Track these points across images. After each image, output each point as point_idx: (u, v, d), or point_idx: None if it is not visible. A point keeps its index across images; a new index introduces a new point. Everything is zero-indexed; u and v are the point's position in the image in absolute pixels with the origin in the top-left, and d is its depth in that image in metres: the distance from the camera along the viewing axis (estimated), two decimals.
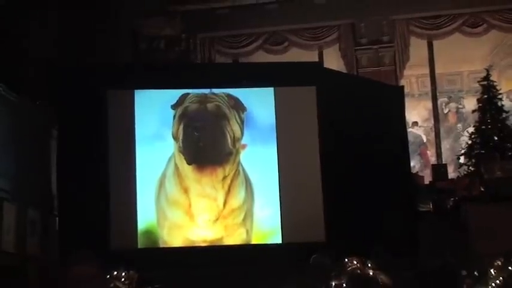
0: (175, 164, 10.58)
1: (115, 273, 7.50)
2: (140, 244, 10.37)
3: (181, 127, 10.64)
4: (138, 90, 10.77)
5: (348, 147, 10.58)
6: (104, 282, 4.10)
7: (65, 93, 10.62)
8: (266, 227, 10.57)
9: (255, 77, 11.11)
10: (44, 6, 11.49)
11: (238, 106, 10.81)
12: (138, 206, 10.40)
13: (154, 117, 10.71)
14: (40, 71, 11.18)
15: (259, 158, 10.73)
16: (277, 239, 10.52)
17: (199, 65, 14.34)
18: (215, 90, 10.82)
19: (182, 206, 10.51)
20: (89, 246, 9.71)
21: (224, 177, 10.61)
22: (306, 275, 6.63)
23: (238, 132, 10.74)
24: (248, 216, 10.55)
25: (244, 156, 10.70)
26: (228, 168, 10.62)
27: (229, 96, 10.82)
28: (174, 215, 10.50)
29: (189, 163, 10.56)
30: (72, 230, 10.05)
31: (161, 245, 10.42)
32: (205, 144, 10.66)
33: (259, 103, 10.90)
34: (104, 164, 10.29)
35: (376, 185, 10.39)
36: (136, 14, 14.06)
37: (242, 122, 10.77)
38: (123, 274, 7.48)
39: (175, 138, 10.63)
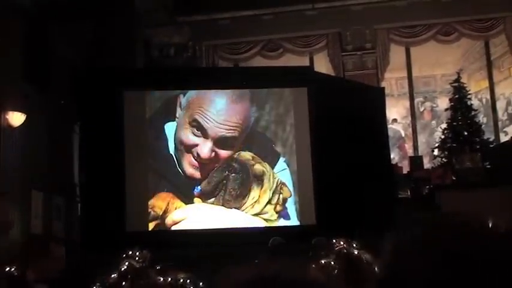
0: (186, 157, 10.53)
1: (130, 252, 7.47)
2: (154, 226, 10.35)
3: (189, 126, 10.61)
4: (151, 91, 10.74)
5: (336, 142, 10.54)
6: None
7: (86, 93, 10.58)
8: (264, 210, 10.52)
9: (254, 79, 11.08)
10: (69, 17, 11.44)
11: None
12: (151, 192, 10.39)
13: (166, 116, 10.67)
14: (65, 74, 11.15)
15: (257, 150, 10.69)
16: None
17: (205, 69, 14.30)
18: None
19: (189, 193, 10.48)
20: (107, 229, 9.72)
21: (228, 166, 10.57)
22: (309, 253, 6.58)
23: (238, 129, 10.69)
24: (249, 200, 10.50)
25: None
26: (231, 159, 10.58)
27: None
28: (183, 201, 10.48)
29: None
30: (93, 214, 10.03)
31: (172, 227, 10.36)
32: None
33: (259, 104, 10.87)
34: (120, 156, 10.25)
35: (361, 174, 10.36)
36: (148, 25, 14.00)
37: (242, 119, 10.73)
38: (137, 253, 7.44)
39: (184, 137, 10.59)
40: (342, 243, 5.79)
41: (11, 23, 9.51)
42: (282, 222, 10.42)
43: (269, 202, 10.50)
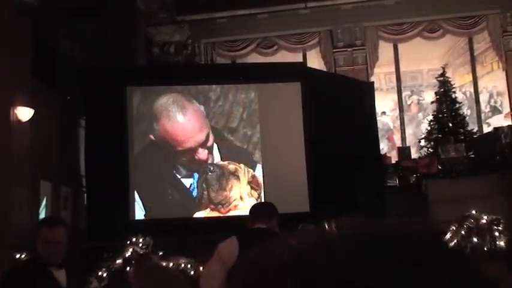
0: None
1: (133, 239, 7.48)
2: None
3: None
4: (152, 87, 10.74)
5: (328, 133, 10.56)
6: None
7: (91, 89, 10.57)
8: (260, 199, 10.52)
9: (250, 75, 11.08)
10: (75, 18, 11.42)
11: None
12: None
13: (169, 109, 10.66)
14: (71, 71, 11.14)
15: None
16: None
17: (204, 65, 14.30)
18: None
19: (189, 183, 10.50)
20: (112, 217, 9.73)
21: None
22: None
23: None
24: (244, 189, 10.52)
25: None
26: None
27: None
28: (183, 190, 10.48)
29: None
30: (98, 204, 10.03)
31: (174, 215, 10.34)
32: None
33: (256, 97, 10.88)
34: (124, 148, 10.26)
35: (351, 163, 10.39)
36: (150, 24, 13.99)
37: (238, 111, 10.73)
38: (141, 240, 7.45)
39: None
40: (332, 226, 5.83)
41: (21, 23, 9.49)
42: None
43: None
